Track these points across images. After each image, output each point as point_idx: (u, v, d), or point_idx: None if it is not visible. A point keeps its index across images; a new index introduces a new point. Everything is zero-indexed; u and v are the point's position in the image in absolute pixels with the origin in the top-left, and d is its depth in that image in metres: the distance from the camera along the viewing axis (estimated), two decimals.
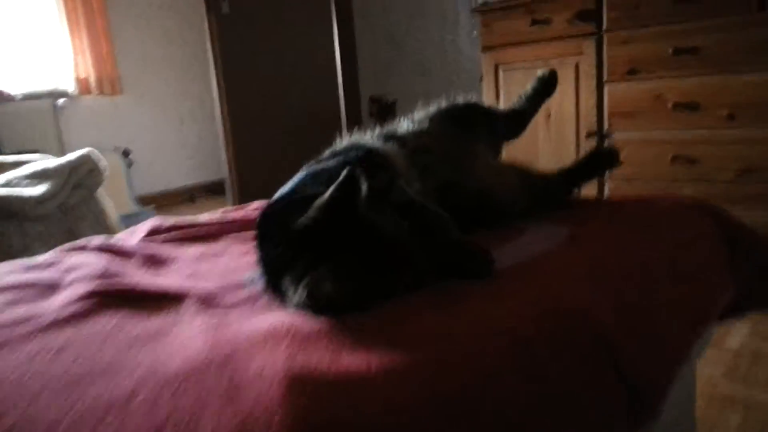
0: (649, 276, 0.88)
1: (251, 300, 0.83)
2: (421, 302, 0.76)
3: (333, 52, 4.51)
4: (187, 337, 0.71)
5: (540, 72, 1.29)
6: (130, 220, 4.23)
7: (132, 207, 4.59)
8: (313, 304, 0.73)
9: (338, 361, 0.61)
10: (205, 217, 1.39)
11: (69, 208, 2.56)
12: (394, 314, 0.72)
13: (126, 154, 4.75)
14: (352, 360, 0.61)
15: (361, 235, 0.76)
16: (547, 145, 2.71)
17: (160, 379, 0.64)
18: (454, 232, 0.88)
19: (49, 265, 1.06)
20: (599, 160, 1.26)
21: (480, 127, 1.21)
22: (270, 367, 0.61)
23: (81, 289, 0.88)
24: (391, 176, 0.92)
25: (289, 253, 0.78)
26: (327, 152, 1.07)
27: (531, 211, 1.12)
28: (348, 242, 0.75)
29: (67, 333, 0.76)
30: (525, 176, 1.19)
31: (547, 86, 1.29)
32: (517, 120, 1.29)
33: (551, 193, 1.19)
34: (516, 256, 0.89)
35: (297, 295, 0.74)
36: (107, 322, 0.78)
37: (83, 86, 4.59)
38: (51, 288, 0.94)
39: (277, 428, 0.53)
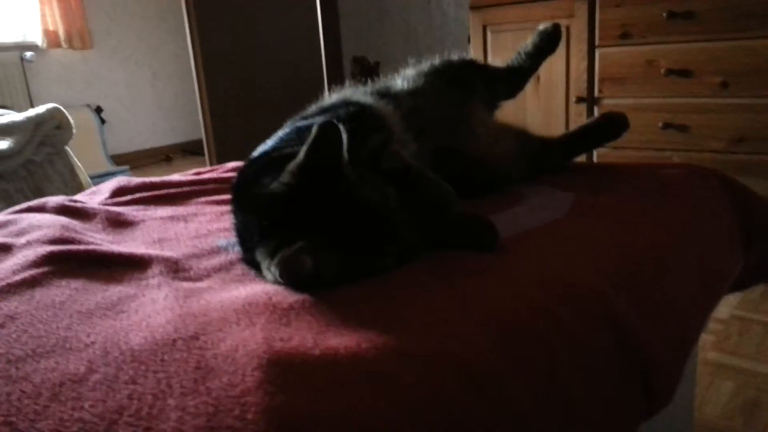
0: (660, 252, 0.81)
1: (224, 269, 0.75)
2: (414, 278, 0.68)
3: (314, 10, 4.35)
4: (150, 309, 0.63)
5: (542, 26, 1.19)
6: (103, 180, 4.10)
7: (106, 166, 4.45)
8: (289, 282, 0.65)
9: (324, 342, 0.53)
10: (176, 177, 1.29)
11: (35, 166, 2.43)
12: (385, 291, 0.65)
13: (98, 111, 4.58)
14: (340, 341, 0.53)
15: (342, 203, 0.67)
16: (536, 108, 2.63)
17: (119, 356, 0.56)
18: (455, 204, 0.80)
19: (0, 225, 0.97)
20: (609, 125, 1.16)
21: (477, 86, 1.11)
22: (244, 347, 0.53)
23: (33, 253, 0.79)
24: (384, 138, 0.83)
25: (263, 222, 0.69)
26: (314, 107, 0.97)
27: (528, 176, 1.05)
28: (326, 211, 0.67)
29: (15, 302, 0.67)
30: (523, 140, 1.11)
31: (549, 41, 1.18)
32: (515, 78, 1.19)
33: (551, 158, 1.12)
34: (515, 226, 0.82)
35: (270, 271, 0.66)
36: (61, 291, 0.70)
37: (52, 39, 4.38)
38: (1, 251, 0.84)
39: (252, 419, 0.45)
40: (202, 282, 0.71)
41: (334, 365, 0.51)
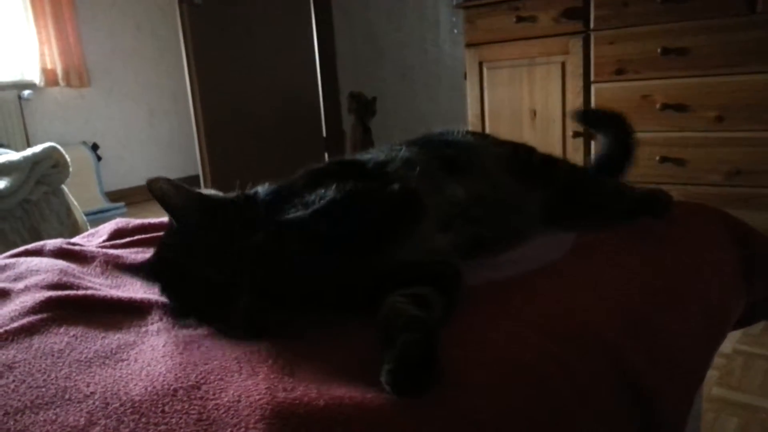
0: (662, 293, 0.81)
1: None
2: None
3: (312, 47, 4.40)
4: (150, 357, 0.62)
5: (657, 192, 1.07)
6: (99, 216, 4.09)
7: (102, 203, 4.44)
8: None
9: (328, 392, 0.52)
10: None
11: (32, 205, 2.43)
12: None
13: (94, 148, 4.59)
14: (345, 390, 0.52)
15: None
16: (533, 143, 2.63)
17: (120, 407, 0.54)
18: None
19: None
20: (650, 205, 1.05)
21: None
22: (247, 397, 0.52)
23: (32, 299, 0.78)
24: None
25: None
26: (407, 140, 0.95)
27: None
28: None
29: (13, 351, 0.66)
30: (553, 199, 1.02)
31: (654, 206, 1.04)
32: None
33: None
34: (515, 268, 0.81)
35: None
36: (60, 338, 0.69)
37: (50, 77, 4.41)
38: None
39: None
40: (202, 328, 0.70)
41: (339, 416, 0.50)
